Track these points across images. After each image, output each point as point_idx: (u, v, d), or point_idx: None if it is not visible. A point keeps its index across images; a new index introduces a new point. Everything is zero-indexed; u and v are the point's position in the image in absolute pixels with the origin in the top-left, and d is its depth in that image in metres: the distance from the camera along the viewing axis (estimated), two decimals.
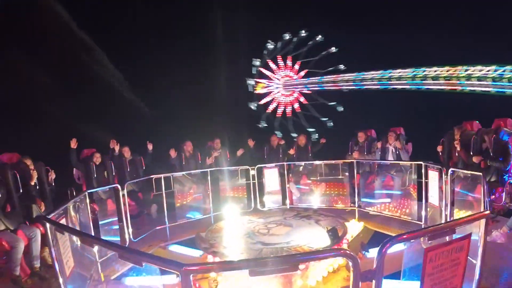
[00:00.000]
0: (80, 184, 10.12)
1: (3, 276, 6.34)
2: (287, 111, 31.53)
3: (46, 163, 8.37)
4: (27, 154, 8.09)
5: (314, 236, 7.14)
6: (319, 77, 30.66)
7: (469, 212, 6.89)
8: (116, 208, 8.26)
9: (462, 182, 7.82)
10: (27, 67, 17.61)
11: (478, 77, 23.75)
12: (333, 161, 11.48)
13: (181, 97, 23.17)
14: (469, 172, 7.13)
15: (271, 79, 30.90)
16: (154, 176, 9.42)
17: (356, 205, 9.74)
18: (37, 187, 7.82)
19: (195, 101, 24.00)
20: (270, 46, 30.10)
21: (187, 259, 7.39)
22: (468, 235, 3.04)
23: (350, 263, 2.57)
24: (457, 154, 8.99)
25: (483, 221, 3.31)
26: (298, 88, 31.26)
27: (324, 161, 11.46)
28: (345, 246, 7.09)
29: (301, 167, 11.71)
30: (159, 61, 23.34)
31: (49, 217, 4.05)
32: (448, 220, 6.89)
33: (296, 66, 31.22)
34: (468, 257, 3.12)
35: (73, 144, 9.47)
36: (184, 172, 10.75)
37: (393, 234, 6.87)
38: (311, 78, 31.11)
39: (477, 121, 9.85)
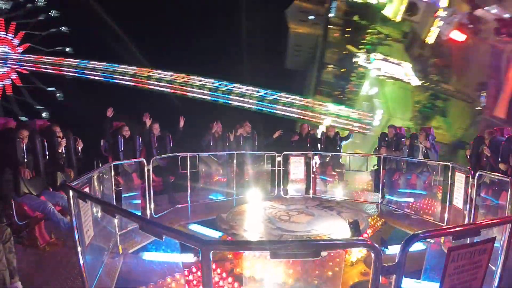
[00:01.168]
0: (107, 156, 10.15)
1: (23, 242, 6.39)
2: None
3: (74, 133, 8.43)
4: (56, 123, 8.15)
5: (336, 227, 7.07)
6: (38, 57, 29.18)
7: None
8: (140, 183, 8.32)
9: (488, 187, 7.63)
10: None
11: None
12: (360, 155, 11.32)
13: None
14: (496, 176, 6.91)
15: None
16: (180, 154, 9.41)
17: (379, 200, 9.65)
18: (64, 156, 7.87)
19: None
20: None
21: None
22: (492, 238, 2.94)
23: (373, 255, 2.49)
24: (485, 159, 8.78)
25: (508, 226, 3.19)
26: (13, 64, 29.14)
27: (351, 154, 11.31)
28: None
29: (327, 158, 11.59)
30: None
31: (73, 184, 4.05)
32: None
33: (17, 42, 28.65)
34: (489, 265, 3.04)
35: (109, 112, 9.45)
36: (210, 153, 10.70)
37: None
38: (31, 56, 29.40)
39: (509, 128, 9.62)
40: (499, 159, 8.21)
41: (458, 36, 18.11)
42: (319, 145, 11.86)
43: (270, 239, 6.21)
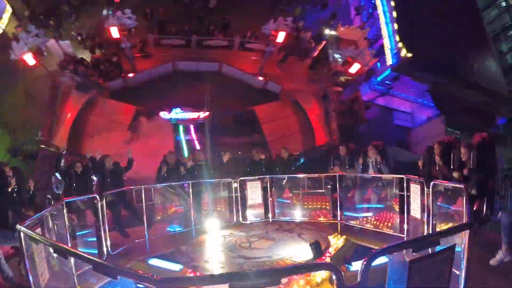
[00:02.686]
0: (59, 193, 9.84)
1: None
2: None
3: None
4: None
5: (297, 249, 7.07)
6: None
7: (451, 225, 6.89)
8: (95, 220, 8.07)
9: (443, 195, 7.81)
10: None
11: None
12: (316, 175, 11.37)
13: None
14: (450, 184, 7.11)
15: None
16: (134, 187, 9.23)
17: (339, 218, 9.69)
18: (14, 195, 7.60)
19: None
20: None
21: (166, 274, 7.25)
22: (451, 247, 3.01)
23: (334, 277, 2.49)
24: (437, 168, 8.98)
25: (466, 233, 3.27)
26: None
27: (307, 175, 11.34)
28: (328, 259, 7.02)
29: (284, 181, 11.58)
30: None
31: (24, 226, 3.88)
32: (430, 232, 6.89)
33: None
34: (453, 269, 3.11)
35: (62, 149, 9.28)
36: (165, 184, 10.51)
37: (376, 247, 6.81)
38: None
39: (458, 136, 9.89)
40: (452, 167, 8.43)
41: (30, 60, 16.44)
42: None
43: (232, 269, 6.15)
